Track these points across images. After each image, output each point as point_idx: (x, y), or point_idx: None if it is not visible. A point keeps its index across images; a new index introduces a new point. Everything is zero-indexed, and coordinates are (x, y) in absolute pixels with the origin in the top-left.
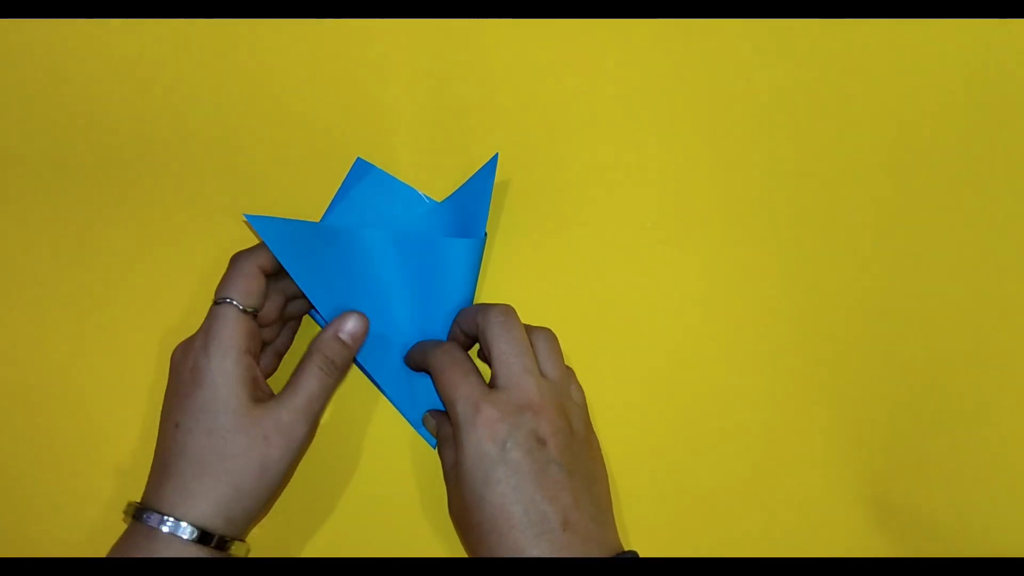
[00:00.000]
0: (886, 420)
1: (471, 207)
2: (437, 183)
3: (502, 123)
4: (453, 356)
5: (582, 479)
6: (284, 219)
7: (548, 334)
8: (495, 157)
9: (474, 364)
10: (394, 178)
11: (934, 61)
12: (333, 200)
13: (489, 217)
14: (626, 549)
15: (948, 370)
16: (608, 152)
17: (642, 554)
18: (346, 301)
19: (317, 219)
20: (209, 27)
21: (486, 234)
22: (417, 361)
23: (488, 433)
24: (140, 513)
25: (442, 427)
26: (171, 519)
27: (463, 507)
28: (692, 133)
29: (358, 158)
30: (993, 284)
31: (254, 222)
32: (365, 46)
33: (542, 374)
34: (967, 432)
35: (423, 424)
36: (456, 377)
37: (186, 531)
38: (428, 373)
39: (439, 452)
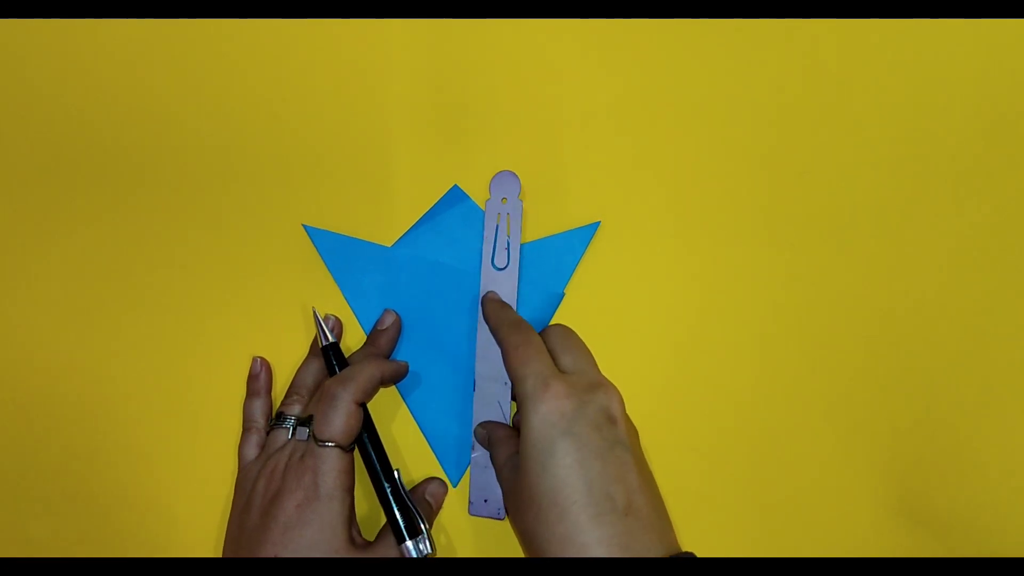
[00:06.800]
0: (900, 423)
1: (553, 261)
2: (437, 182)
3: (502, 123)
4: (528, 335)
5: (645, 467)
6: (343, 235)
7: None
8: (596, 224)
9: (545, 347)
10: (484, 213)
11: (936, 61)
12: (419, 220)
13: None
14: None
15: (957, 371)
16: (608, 151)
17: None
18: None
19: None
20: (209, 27)
21: (564, 293)
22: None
23: (557, 406)
24: None
25: (493, 432)
26: None
27: (522, 487)
28: (693, 133)
29: (455, 185)
30: (1000, 284)
31: (313, 234)
32: (365, 46)
33: None
34: (978, 432)
35: (474, 437)
36: (529, 353)
37: None
38: (499, 346)
39: (491, 453)
